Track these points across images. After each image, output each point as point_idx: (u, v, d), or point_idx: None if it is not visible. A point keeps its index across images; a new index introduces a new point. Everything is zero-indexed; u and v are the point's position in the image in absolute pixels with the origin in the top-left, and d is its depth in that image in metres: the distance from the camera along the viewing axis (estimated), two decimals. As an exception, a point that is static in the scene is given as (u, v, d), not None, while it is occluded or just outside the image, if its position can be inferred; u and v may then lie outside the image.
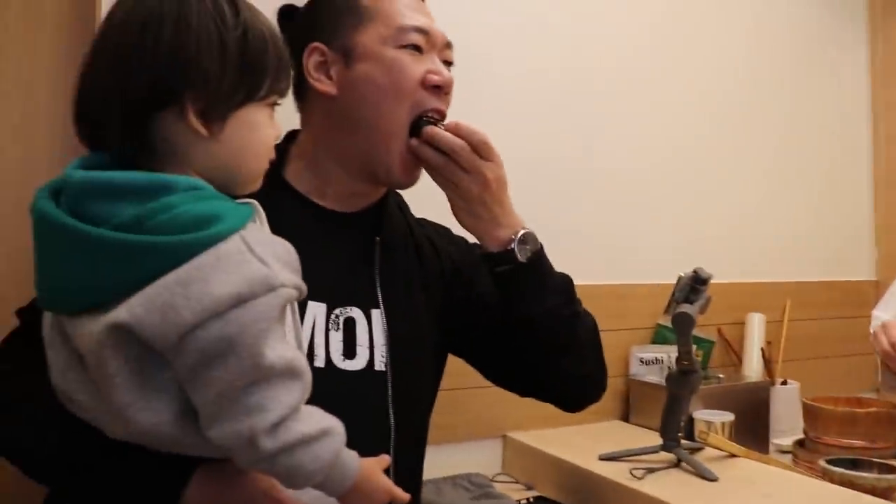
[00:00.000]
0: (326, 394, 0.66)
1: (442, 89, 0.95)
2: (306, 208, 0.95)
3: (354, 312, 0.94)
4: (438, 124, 0.94)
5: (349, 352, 0.92)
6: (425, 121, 0.94)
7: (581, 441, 1.48)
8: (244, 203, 0.67)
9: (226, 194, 0.67)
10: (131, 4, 0.65)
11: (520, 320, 0.99)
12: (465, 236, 1.07)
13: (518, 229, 0.96)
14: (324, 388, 0.66)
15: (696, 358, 1.31)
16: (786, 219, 2.08)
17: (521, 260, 0.96)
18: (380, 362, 0.94)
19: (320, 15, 0.97)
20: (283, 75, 0.71)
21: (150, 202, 0.60)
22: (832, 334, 2.09)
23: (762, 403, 1.67)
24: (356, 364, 0.92)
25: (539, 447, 1.46)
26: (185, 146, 0.66)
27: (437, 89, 0.95)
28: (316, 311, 0.91)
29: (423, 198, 1.03)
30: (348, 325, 0.93)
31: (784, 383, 1.82)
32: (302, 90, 0.96)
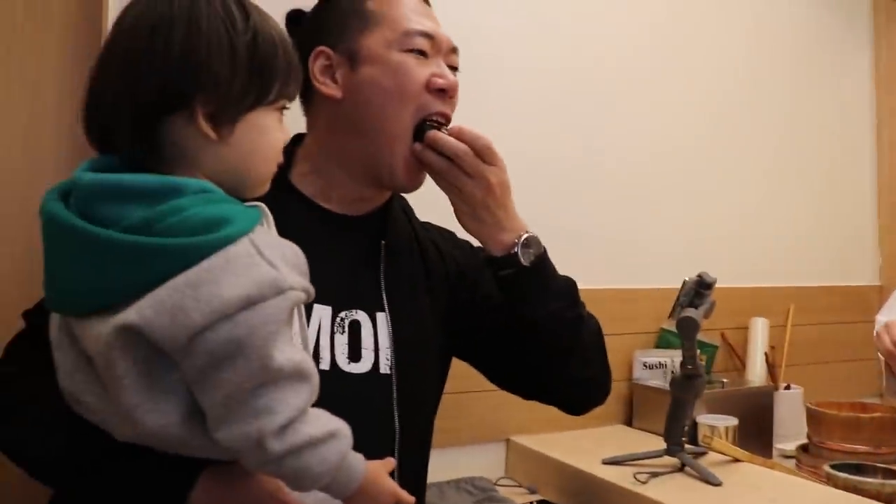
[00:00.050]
0: (331, 396, 0.66)
1: (447, 93, 0.95)
2: (312, 211, 0.96)
3: (360, 315, 0.94)
4: (442, 128, 0.94)
5: (354, 355, 0.93)
6: (429, 125, 0.94)
7: (584, 445, 1.48)
8: (252, 206, 0.67)
9: (234, 198, 0.67)
10: (142, 8, 0.65)
11: (523, 324, 0.99)
12: (469, 240, 1.07)
13: (521, 233, 0.96)
14: (329, 390, 0.67)
15: (701, 362, 1.31)
16: (790, 223, 2.08)
17: (524, 264, 0.96)
18: (385, 365, 0.94)
19: (327, 19, 0.97)
20: (293, 79, 0.71)
21: (160, 205, 0.60)
22: (836, 339, 2.09)
23: (766, 408, 1.67)
24: (361, 367, 0.93)
25: (542, 451, 1.46)
26: (194, 149, 0.66)
27: (442, 93, 0.95)
28: (321, 314, 0.91)
29: (427, 202, 1.04)
30: (353, 328, 0.93)
31: (787, 388, 1.82)
32: (308, 94, 0.97)
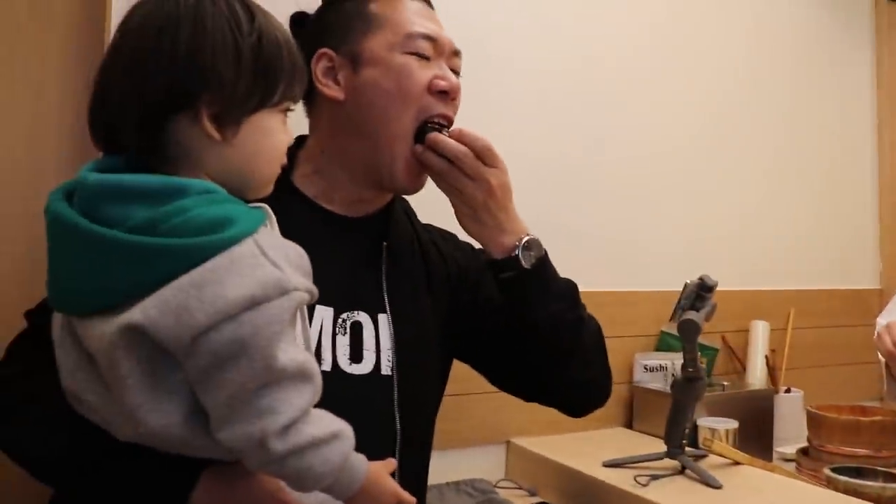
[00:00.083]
0: (333, 397, 0.67)
1: (448, 95, 0.96)
2: (314, 213, 0.96)
3: (361, 317, 0.95)
4: (443, 130, 0.95)
5: (356, 356, 0.93)
6: (430, 127, 0.94)
7: (585, 447, 1.48)
8: (256, 207, 0.67)
9: (237, 198, 0.67)
10: (149, 8, 0.66)
11: (524, 326, 0.99)
12: (470, 242, 1.07)
13: (522, 236, 0.97)
14: (330, 391, 0.67)
15: (701, 365, 1.31)
16: (790, 227, 2.09)
17: (525, 266, 0.96)
18: (386, 366, 0.94)
19: (330, 21, 0.97)
20: (297, 81, 0.71)
21: (164, 205, 0.60)
22: (836, 342, 2.09)
23: (766, 411, 1.67)
24: (362, 368, 0.93)
25: (543, 453, 1.46)
26: (198, 150, 0.67)
27: (444, 95, 0.95)
28: (323, 315, 0.91)
29: (429, 204, 1.04)
30: (355, 329, 0.94)
31: (788, 391, 1.82)
32: (310, 95, 0.97)
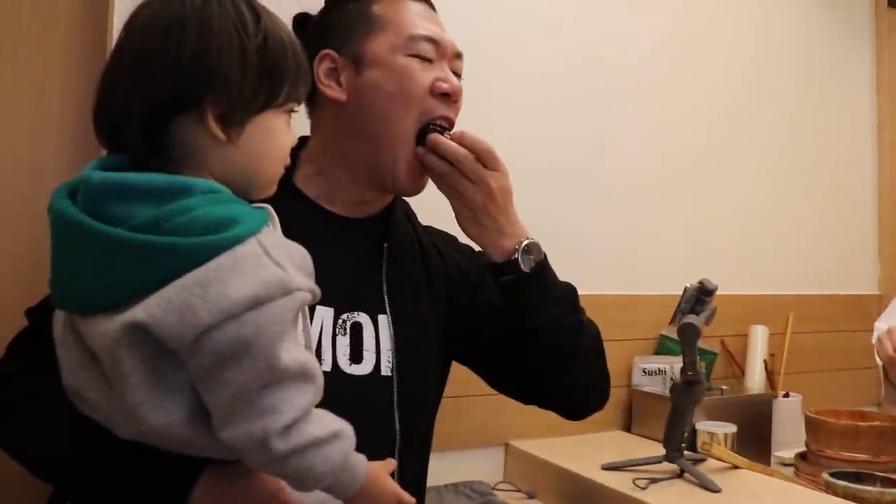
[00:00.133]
0: (332, 398, 0.67)
1: (450, 97, 0.96)
2: (316, 213, 0.96)
3: (361, 317, 0.95)
4: (445, 133, 0.95)
5: (356, 356, 0.93)
6: (432, 129, 0.95)
7: (583, 450, 1.48)
8: (258, 207, 0.68)
9: (241, 199, 0.67)
10: (155, 8, 0.66)
11: (524, 330, 0.99)
12: (470, 244, 1.07)
13: (522, 239, 0.97)
14: (330, 392, 0.67)
15: (701, 369, 1.31)
16: (790, 232, 2.09)
17: (524, 270, 0.96)
18: (386, 367, 0.94)
19: (333, 23, 0.98)
20: (301, 82, 0.71)
21: (169, 204, 0.61)
22: (835, 348, 2.09)
23: (764, 416, 1.67)
24: (362, 369, 0.93)
25: (541, 456, 1.46)
26: (202, 150, 0.67)
27: (446, 97, 0.95)
28: (323, 316, 0.91)
29: (429, 206, 1.04)
30: (355, 330, 0.94)
31: (786, 396, 1.82)
32: (312, 96, 0.97)
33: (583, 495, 1.32)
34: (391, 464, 0.75)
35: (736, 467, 1.38)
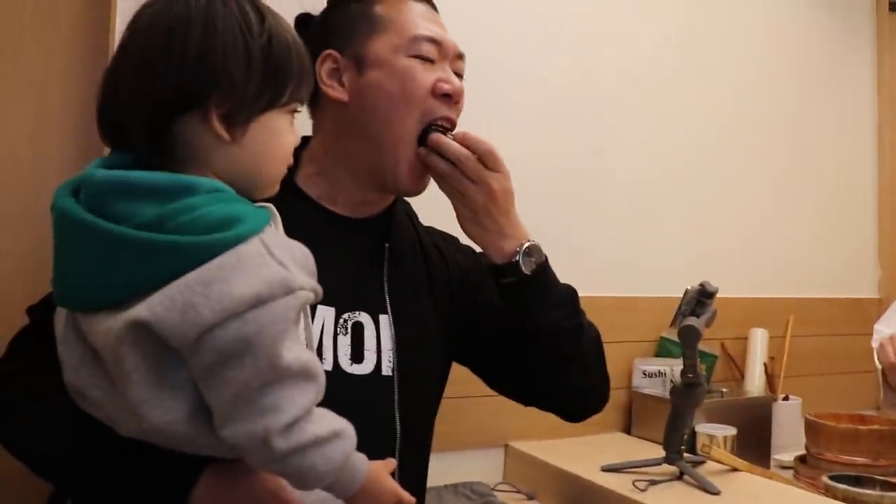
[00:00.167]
0: (333, 397, 0.67)
1: (452, 98, 0.96)
2: (317, 213, 0.96)
3: (363, 317, 0.95)
4: (447, 134, 0.95)
5: (357, 356, 0.93)
6: (434, 129, 0.95)
7: (583, 452, 1.48)
8: (261, 207, 0.68)
9: (244, 198, 0.67)
10: (159, 8, 0.66)
11: (524, 331, 0.99)
12: (472, 245, 1.07)
13: (523, 241, 0.97)
14: (331, 391, 0.67)
15: (701, 371, 1.31)
16: (790, 235, 2.09)
17: (525, 272, 0.96)
18: (387, 367, 0.95)
19: (335, 23, 0.98)
20: (305, 83, 0.72)
21: (172, 203, 0.61)
22: (835, 351, 2.09)
23: (764, 418, 1.67)
24: (363, 368, 0.93)
25: (541, 457, 1.46)
26: (206, 149, 0.67)
27: (448, 98, 0.96)
28: (325, 315, 0.92)
29: (430, 207, 1.04)
30: (356, 330, 0.94)
31: (786, 399, 1.82)
32: (314, 97, 0.97)
33: (582, 497, 1.32)
34: (391, 463, 0.75)
35: (735, 470, 1.38)
